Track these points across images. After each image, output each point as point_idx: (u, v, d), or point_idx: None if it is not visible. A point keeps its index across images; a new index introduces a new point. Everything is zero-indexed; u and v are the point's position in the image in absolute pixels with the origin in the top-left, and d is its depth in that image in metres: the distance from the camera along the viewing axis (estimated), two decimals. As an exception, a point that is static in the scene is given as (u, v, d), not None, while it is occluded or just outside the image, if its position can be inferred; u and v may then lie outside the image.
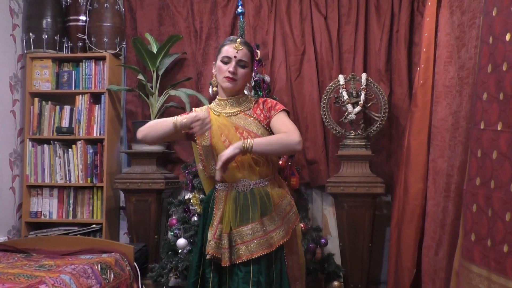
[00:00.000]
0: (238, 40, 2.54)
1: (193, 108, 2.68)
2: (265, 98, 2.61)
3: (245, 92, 2.75)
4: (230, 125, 2.49)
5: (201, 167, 2.61)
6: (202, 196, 4.03)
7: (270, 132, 2.49)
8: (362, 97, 4.17)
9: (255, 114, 2.52)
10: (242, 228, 2.42)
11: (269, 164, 2.50)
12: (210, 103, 2.71)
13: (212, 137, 2.49)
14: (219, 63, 2.53)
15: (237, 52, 2.50)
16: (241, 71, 2.52)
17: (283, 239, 2.44)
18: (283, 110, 2.53)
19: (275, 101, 2.55)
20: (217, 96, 2.62)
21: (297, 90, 4.60)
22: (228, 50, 2.51)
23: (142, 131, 2.46)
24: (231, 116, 2.53)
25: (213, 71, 2.59)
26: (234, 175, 2.47)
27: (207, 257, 2.47)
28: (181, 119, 2.39)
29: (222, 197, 2.51)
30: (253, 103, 2.58)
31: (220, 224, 2.48)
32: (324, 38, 4.58)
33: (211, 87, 2.62)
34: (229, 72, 2.49)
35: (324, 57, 4.58)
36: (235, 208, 2.45)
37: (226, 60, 2.51)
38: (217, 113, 2.56)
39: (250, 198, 2.45)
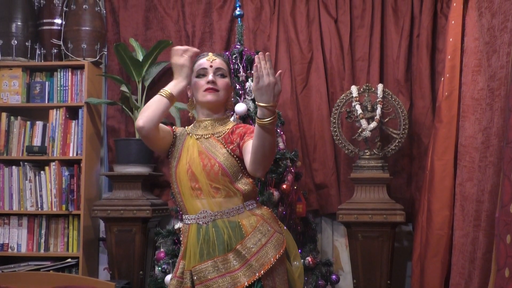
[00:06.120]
0: (210, 53, 2.65)
1: (174, 127, 2.72)
2: (240, 124, 2.66)
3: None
4: (195, 149, 2.55)
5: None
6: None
7: (238, 161, 2.51)
8: (378, 111, 4.18)
9: (223, 140, 2.56)
10: (201, 266, 2.44)
11: (235, 194, 2.51)
12: None
13: (180, 159, 2.56)
14: (194, 79, 2.60)
15: (211, 62, 2.59)
16: (221, 80, 2.58)
17: (250, 278, 2.43)
18: None
19: (249, 127, 2.57)
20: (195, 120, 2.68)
21: (303, 104, 4.62)
22: (201, 63, 2.60)
23: (139, 117, 2.50)
24: (201, 138, 2.58)
25: (189, 94, 2.67)
26: (193, 204, 2.52)
27: None
28: (170, 87, 2.53)
29: (186, 230, 2.57)
30: (230, 128, 2.61)
31: (182, 260, 2.54)
32: (334, 44, 4.60)
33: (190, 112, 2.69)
34: (207, 83, 2.56)
35: (334, 66, 4.60)
36: (197, 243, 2.49)
37: (202, 73, 2.58)
38: (190, 134, 2.62)
39: (214, 232, 2.47)
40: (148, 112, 2.47)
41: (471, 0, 3.68)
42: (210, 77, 2.55)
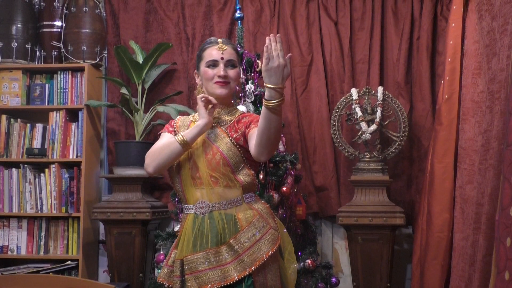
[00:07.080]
0: (220, 40, 2.61)
1: (174, 122, 2.70)
2: (247, 113, 2.65)
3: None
4: (199, 139, 2.54)
5: None
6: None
7: (241, 152, 2.50)
8: (378, 113, 4.18)
9: (228, 129, 2.55)
10: (193, 256, 2.44)
11: (234, 185, 2.51)
12: None
13: None
14: (204, 68, 2.58)
15: (222, 53, 2.56)
16: (231, 72, 2.57)
17: (240, 273, 2.42)
18: None
19: (256, 116, 2.57)
20: None
21: (303, 106, 4.62)
22: (211, 53, 2.57)
23: (149, 162, 2.51)
24: None
25: (197, 80, 2.65)
26: (193, 194, 2.52)
27: None
28: (187, 131, 2.49)
29: (184, 220, 2.57)
30: (236, 117, 2.60)
31: (175, 250, 2.55)
32: (334, 47, 4.61)
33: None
34: (218, 76, 2.54)
35: (334, 68, 4.60)
36: (191, 233, 2.49)
37: (212, 64, 2.56)
38: (195, 122, 2.60)
39: (208, 223, 2.48)
40: (159, 161, 2.48)
41: (471, 3, 3.69)
42: (222, 71, 2.53)
